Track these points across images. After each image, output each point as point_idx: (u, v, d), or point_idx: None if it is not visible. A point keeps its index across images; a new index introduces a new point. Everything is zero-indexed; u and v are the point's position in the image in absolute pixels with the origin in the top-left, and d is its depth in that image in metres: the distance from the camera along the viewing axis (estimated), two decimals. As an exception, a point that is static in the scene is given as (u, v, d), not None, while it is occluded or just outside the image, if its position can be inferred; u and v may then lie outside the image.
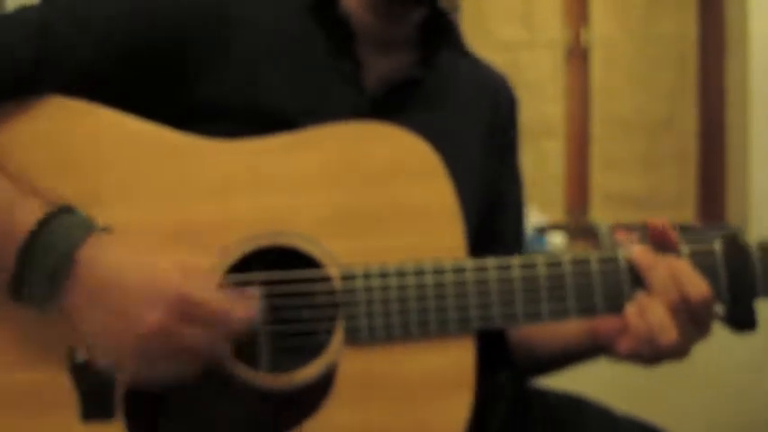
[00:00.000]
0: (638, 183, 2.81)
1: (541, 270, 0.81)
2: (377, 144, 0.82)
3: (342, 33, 0.91)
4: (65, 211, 0.75)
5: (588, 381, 1.17)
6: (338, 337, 0.79)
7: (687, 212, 2.79)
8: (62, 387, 0.77)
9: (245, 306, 0.75)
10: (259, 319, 0.78)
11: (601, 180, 2.81)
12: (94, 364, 0.76)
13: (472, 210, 0.91)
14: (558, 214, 2.79)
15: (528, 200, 1.12)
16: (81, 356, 0.77)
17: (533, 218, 2.59)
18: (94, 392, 0.77)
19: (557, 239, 2.63)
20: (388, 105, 0.92)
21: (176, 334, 0.72)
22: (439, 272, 0.80)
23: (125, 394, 0.78)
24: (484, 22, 2.81)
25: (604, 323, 0.82)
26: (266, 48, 0.88)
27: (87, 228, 0.75)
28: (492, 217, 1.02)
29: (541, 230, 2.61)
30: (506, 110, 1.07)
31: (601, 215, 2.77)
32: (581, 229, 2.74)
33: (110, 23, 0.84)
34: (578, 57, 2.81)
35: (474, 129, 1.00)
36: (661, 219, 0.83)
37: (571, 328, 0.92)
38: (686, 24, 2.78)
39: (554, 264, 0.81)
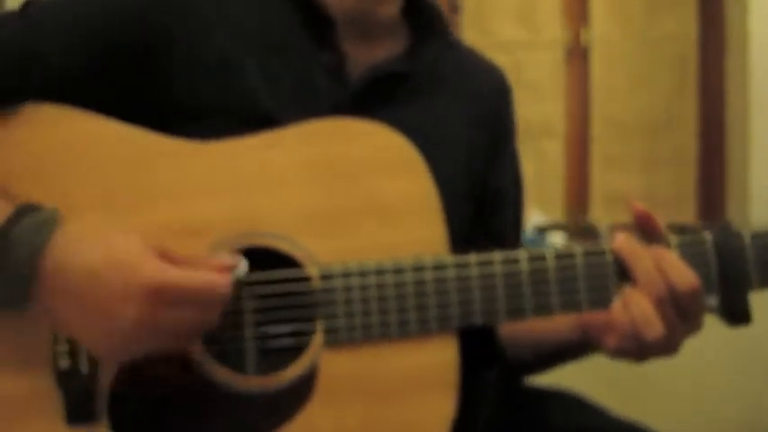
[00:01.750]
0: (637, 183, 2.81)
1: (524, 265, 0.79)
2: (355, 140, 0.81)
3: (322, 22, 0.89)
4: (28, 210, 0.73)
5: (580, 379, 1.16)
6: (318, 337, 0.78)
7: (687, 212, 2.79)
8: (46, 393, 0.77)
9: (221, 273, 0.73)
10: (242, 276, 0.76)
11: (601, 180, 2.81)
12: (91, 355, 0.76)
13: (458, 205, 0.90)
14: (558, 214, 2.78)
15: (528, 200, 1.10)
16: (65, 363, 0.77)
17: (533, 218, 2.59)
18: (79, 397, 0.76)
19: (557, 239, 2.63)
20: (371, 99, 0.89)
21: (158, 321, 0.71)
22: (419, 269, 0.78)
23: (110, 398, 0.77)
24: (484, 22, 2.81)
25: (592, 318, 0.80)
26: (244, 42, 0.87)
27: (50, 227, 0.73)
28: (488, 216, 1.00)
29: (541, 230, 2.61)
30: (497, 103, 1.03)
31: (601, 215, 2.77)
32: (581, 229, 2.74)
33: (80, 28, 0.83)
34: (578, 57, 2.80)
35: (461, 123, 0.97)
36: (641, 204, 0.80)
37: (562, 324, 0.89)
38: (686, 24, 2.78)
39: (537, 258, 0.79)
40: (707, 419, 2.49)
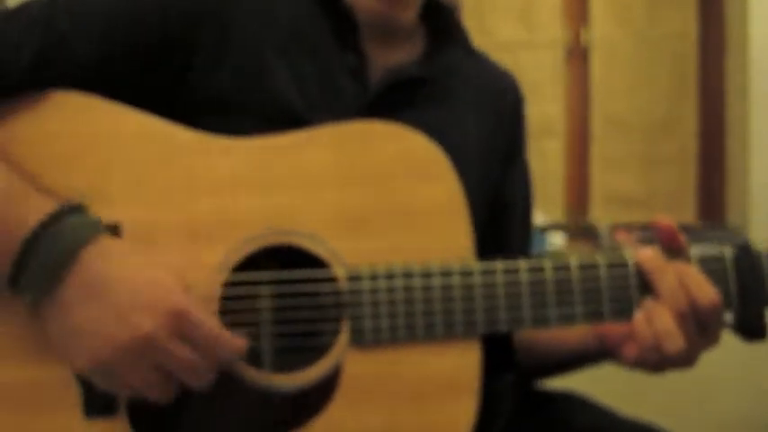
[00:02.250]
0: (637, 183, 2.81)
1: (549, 274, 0.80)
2: (385, 143, 0.82)
3: (347, 24, 0.90)
4: (77, 209, 0.75)
5: (591, 381, 1.17)
6: (343, 337, 0.79)
7: (687, 212, 2.79)
8: (64, 383, 0.77)
9: (236, 340, 0.74)
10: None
11: (601, 180, 2.81)
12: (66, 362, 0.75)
13: (476, 210, 0.90)
14: (558, 214, 2.78)
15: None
16: None
17: (533, 218, 2.58)
18: (97, 389, 0.76)
19: (557, 239, 2.63)
20: (391, 102, 0.90)
21: (163, 347, 0.71)
22: (446, 274, 0.79)
23: None
24: (484, 21, 2.80)
25: (611, 328, 0.81)
26: (271, 39, 0.87)
27: (96, 228, 0.74)
28: (499, 224, 1.01)
29: (541, 230, 2.61)
30: (511, 112, 1.05)
31: (601, 215, 2.77)
32: (581, 229, 2.74)
33: (114, 19, 0.83)
34: (578, 57, 2.80)
35: (476, 130, 0.98)
36: (667, 217, 0.81)
37: (578, 333, 0.91)
38: (686, 24, 2.78)
39: (562, 268, 0.80)
40: (709, 416, 2.49)
